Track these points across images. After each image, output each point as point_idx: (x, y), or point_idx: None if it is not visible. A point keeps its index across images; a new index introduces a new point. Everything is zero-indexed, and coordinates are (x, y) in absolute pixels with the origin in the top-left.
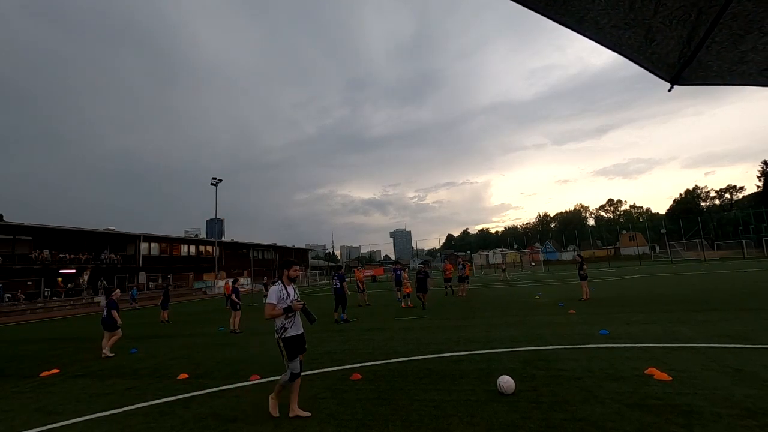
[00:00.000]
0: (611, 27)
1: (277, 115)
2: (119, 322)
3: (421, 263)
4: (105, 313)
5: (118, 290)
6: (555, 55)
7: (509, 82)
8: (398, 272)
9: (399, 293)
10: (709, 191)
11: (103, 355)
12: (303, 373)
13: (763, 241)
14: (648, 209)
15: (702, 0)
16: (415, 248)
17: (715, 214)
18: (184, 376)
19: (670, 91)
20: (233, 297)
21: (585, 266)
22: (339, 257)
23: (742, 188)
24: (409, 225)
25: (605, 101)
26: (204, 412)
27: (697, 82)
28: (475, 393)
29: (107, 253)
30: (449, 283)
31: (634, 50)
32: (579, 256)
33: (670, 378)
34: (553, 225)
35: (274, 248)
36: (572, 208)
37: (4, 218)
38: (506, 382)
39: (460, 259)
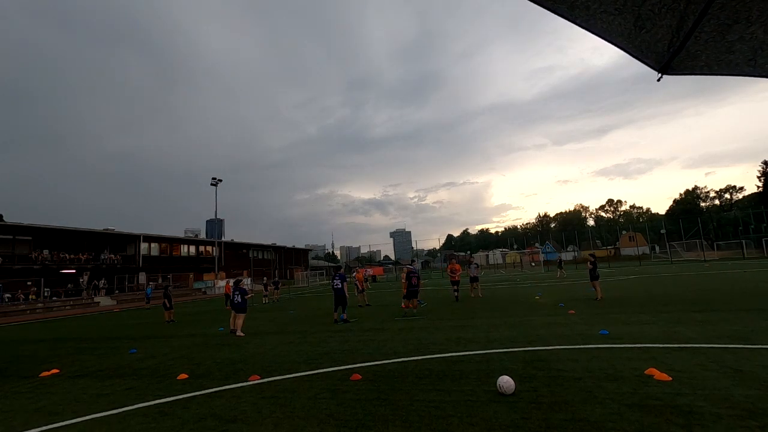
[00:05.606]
0: (601, 12)
1: (277, 115)
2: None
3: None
4: (239, 299)
5: (244, 280)
6: (556, 56)
7: (510, 83)
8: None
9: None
10: (708, 191)
11: (237, 335)
12: (303, 374)
13: (763, 242)
14: (648, 209)
15: None
16: (415, 248)
17: (714, 215)
18: (184, 376)
19: (659, 80)
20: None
21: (591, 266)
22: (339, 257)
23: (742, 188)
24: (409, 225)
25: (606, 102)
26: (204, 413)
27: (685, 71)
28: (475, 393)
29: (107, 254)
30: (458, 287)
31: (624, 38)
32: (591, 255)
33: (670, 378)
34: (553, 225)
35: (274, 248)
36: (572, 209)
37: (4, 218)
38: (506, 382)
39: (473, 260)
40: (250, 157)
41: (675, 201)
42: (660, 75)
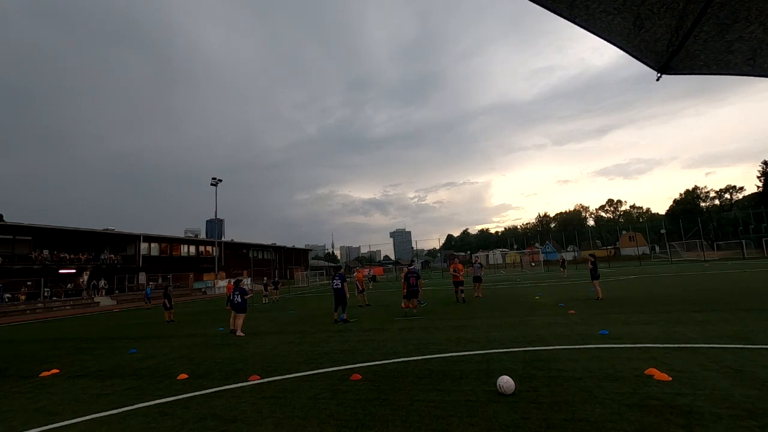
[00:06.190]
0: (601, 12)
1: (277, 115)
2: (248, 295)
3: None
4: (239, 299)
5: (244, 280)
6: (556, 56)
7: (510, 83)
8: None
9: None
10: (708, 191)
11: (237, 335)
12: (303, 374)
13: (763, 242)
14: (648, 209)
15: None
16: (415, 248)
17: (714, 215)
18: (184, 376)
19: (658, 80)
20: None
21: (591, 266)
22: (339, 257)
23: (742, 188)
24: (409, 225)
25: (606, 102)
26: (204, 413)
27: (684, 71)
28: (475, 393)
29: (107, 254)
30: (461, 287)
31: (623, 37)
32: (592, 255)
33: (670, 378)
34: (553, 225)
35: (274, 248)
36: (572, 209)
37: (4, 218)
38: (506, 382)
39: (477, 259)
40: (250, 157)
41: (675, 201)
42: (659, 75)
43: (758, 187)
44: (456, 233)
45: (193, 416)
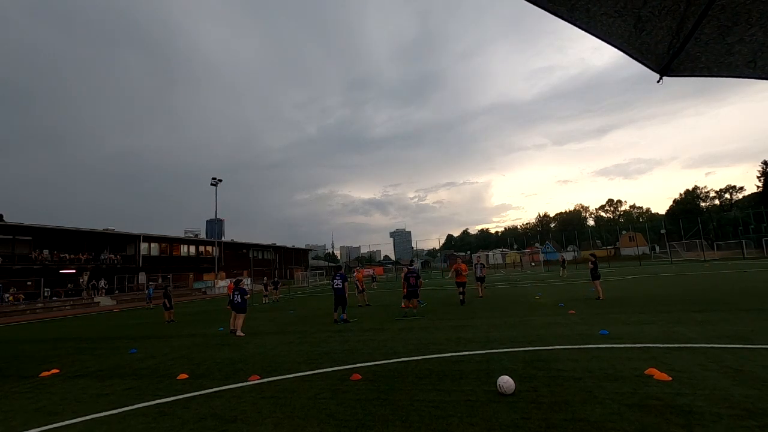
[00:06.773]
0: (602, 15)
1: (277, 115)
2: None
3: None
4: (239, 299)
5: (244, 280)
6: (556, 56)
7: (510, 83)
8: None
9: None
10: (708, 191)
11: (237, 335)
12: (303, 374)
13: (763, 242)
14: (648, 209)
15: None
16: (415, 248)
17: (714, 215)
18: (183, 376)
19: (659, 82)
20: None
21: (592, 266)
22: (339, 257)
23: (741, 188)
24: (409, 225)
25: (606, 101)
26: (204, 413)
27: (685, 73)
28: (475, 393)
29: (107, 254)
30: (463, 288)
31: (624, 40)
32: (592, 255)
33: (670, 378)
34: (553, 225)
35: (274, 248)
36: (572, 209)
37: (4, 218)
38: (506, 382)
39: (478, 260)
40: (250, 157)
41: (675, 201)
42: (660, 77)
43: (758, 187)
44: (456, 233)
45: (193, 416)
